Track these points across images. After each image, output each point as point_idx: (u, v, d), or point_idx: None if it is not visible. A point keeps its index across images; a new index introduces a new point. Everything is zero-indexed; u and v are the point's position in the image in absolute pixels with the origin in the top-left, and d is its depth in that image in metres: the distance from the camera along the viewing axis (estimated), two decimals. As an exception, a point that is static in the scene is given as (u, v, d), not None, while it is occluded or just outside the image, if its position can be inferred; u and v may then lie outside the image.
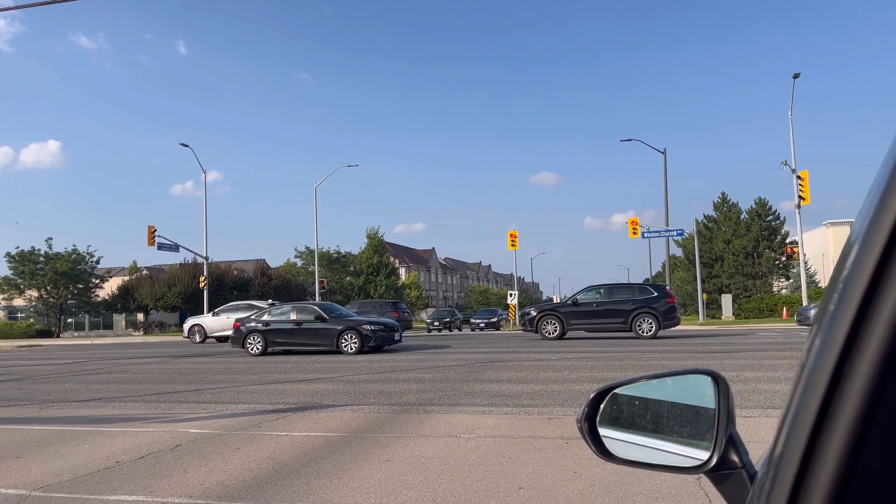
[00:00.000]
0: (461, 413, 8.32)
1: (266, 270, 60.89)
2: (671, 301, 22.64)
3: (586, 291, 23.51)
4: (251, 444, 6.75)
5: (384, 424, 7.71)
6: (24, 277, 54.52)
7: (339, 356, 18.34)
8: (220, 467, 5.82)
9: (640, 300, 22.26)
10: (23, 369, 17.96)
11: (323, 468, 5.67)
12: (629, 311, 22.06)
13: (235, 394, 11.02)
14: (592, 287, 23.63)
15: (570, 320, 22.76)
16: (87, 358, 21.95)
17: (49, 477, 5.66)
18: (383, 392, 10.55)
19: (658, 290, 22.98)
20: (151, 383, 13.10)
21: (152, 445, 6.85)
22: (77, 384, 13.36)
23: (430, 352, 19.40)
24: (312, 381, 12.44)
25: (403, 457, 6.00)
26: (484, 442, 6.55)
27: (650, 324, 21.89)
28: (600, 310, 22.54)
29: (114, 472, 5.75)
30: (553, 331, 22.78)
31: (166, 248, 42.31)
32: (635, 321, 21.98)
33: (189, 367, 16.86)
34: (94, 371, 16.46)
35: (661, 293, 22.76)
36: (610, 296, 22.78)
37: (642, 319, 21.96)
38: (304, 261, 66.23)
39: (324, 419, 8.18)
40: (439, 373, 13.27)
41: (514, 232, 42.40)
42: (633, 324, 22.00)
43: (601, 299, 22.75)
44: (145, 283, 56.30)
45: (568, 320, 22.75)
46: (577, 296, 23.43)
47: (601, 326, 22.61)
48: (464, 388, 10.78)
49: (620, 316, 22.14)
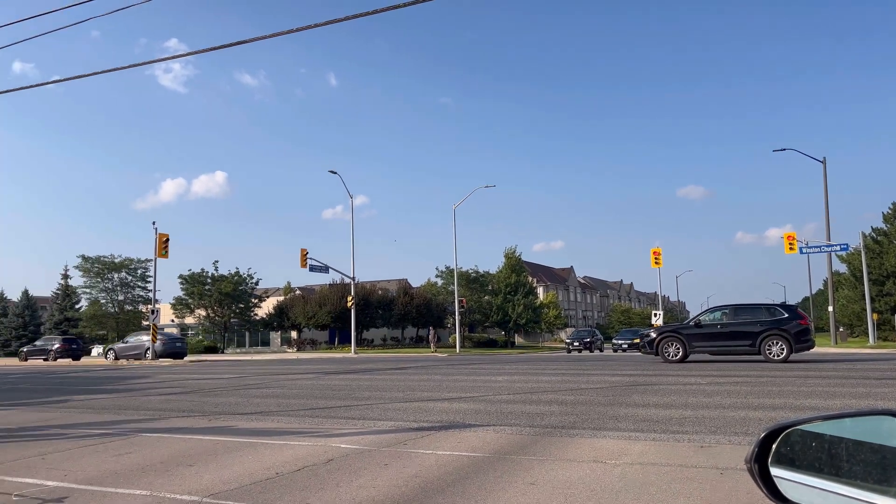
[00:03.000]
0: (606, 438, 8.10)
1: (408, 290, 62.71)
2: (804, 323, 21.39)
3: (710, 312, 23.01)
4: (398, 461, 6.94)
5: (527, 446, 7.66)
6: (194, 298, 59.79)
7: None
8: (369, 483, 6.03)
9: (769, 322, 21.22)
10: (193, 383, 19.62)
11: (468, 489, 5.71)
12: (757, 334, 21.04)
13: (382, 411, 11.39)
14: (716, 308, 23.13)
15: (693, 342, 22.05)
16: (247, 373, 23.59)
17: (218, 485, 6.13)
18: (525, 413, 10.49)
19: (789, 311, 21.86)
20: (305, 398, 13.84)
21: (307, 459, 7.23)
22: (240, 398, 14.39)
23: (570, 374, 19.07)
24: (455, 400, 12.61)
25: (547, 481, 5.93)
26: (631, 469, 6.33)
27: (781, 347, 20.77)
28: (725, 332, 21.72)
29: (274, 483, 6.12)
30: (675, 353, 22.12)
31: (317, 269, 44.78)
32: (764, 344, 20.93)
33: (339, 383, 17.65)
34: (254, 386, 17.65)
35: (793, 314, 21.63)
36: (735, 317, 21.92)
37: (772, 342, 20.88)
38: (444, 280, 67.58)
39: (467, 439, 8.26)
40: (581, 395, 13.01)
41: (658, 249, 40.92)
42: (762, 346, 20.97)
43: (726, 320, 21.98)
44: (298, 302, 59.83)
45: (690, 342, 22.05)
46: (700, 317, 22.91)
47: (726, 349, 21.82)
48: (608, 411, 10.49)
49: (748, 338, 21.16)
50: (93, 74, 12.58)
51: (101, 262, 65.02)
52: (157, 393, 16.42)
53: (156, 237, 41.25)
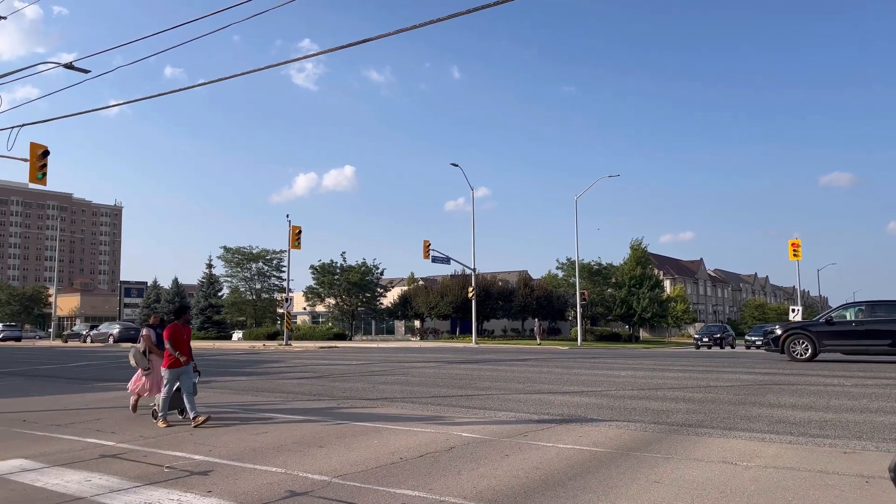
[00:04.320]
0: (737, 438, 7.73)
1: (528, 282, 62.37)
2: None
3: (843, 309, 21.41)
4: (519, 453, 6.97)
5: (651, 444, 7.46)
6: (324, 287, 62.63)
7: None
8: (490, 472, 6.11)
9: None
10: (323, 368, 20.59)
11: (589, 483, 5.66)
12: None
13: (502, 401, 11.46)
14: (851, 304, 21.59)
15: (824, 340, 20.49)
16: (373, 360, 24.44)
17: (346, 466, 6.43)
18: (649, 409, 10.20)
19: None
20: (427, 386, 14.17)
21: (429, 446, 7.42)
22: (366, 384, 14.95)
23: (698, 371, 18.31)
24: (576, 394, 12.47)
25: (673, 480, 5.75)
26: (764, 472, 6.02)
27: None
28: (861, 330, 20.00)
29: (398, 468, 6.34)
30: (804, 351, 20.66)
31: (439, 260, 45.55)
32: None
33: (460, 373, 17.92)
34: (379, 373, 18.27)
35: None
36: (873, 314, 20.13)
37: None
38: (565, 272, 66.68)
39: (589, 433, 8.16)
40: (710, 392, 12.46)
41: (797, 240, 38.29)
42: None
43: (862, 318, 20.23)
44: (421, 292, 61.12)
45: (820, 340, 20.50)
46: (832, 313, 21.35)
47: (862, 348, 20.12)
48: (739, 410, 10.00)
49: (888, 337, 19.47)
50: (233, 77, 13.43)
51: (241, 253, 69.53)
52: (290, 377, 17.38)
53: (289, 229, 43.53)
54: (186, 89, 14.91)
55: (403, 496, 5.31)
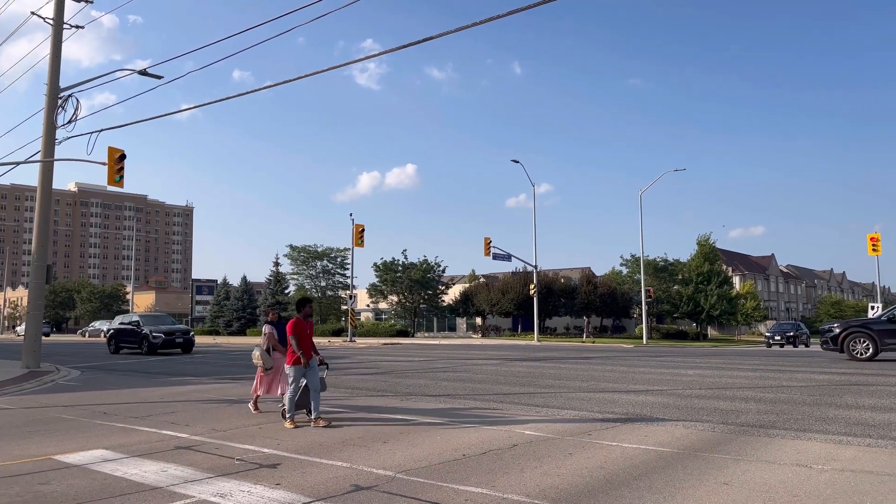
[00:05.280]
0: (811, 440, 7.45)
1: (591, 278, 61.58)
2: None
3: None
4: (582, 451, 6.90)
5: (720, 444, 7.27)
6: (386, 284, 63.38)
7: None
8: (553, 470, 6.07)
9: None
10: (386, 364, 20.85)
11: (655, 483, 5.56)
12: None
13: (565, 399, 11.36)
14: None
15: (886, 339, 19.82)
16: (435, 357, 24.60)
17: (409, 462, 6.50)
18: (717, 409, 9.94)
19: None
20: (489, 384, 14.17)
21: (492, 443, 7.42)
22: (429, 380, 15.06)
23: (769, 370, 17.71)
24: (641, 393, 12.25)
25: (744, 482, 5.59)
26: (841, 476, 5.78)
27: None
28: None
29: (461, 464, 6.37)
30: (864, 350, 20.01)
31: (500, 257, 45.42)
32: None
33: (522, 370, 17.85)
34: (442, 369, 18.37)
35: None
36: None
37: None
38: (629, 269, 65.49)
39: (654, 433, 8.01)
40: (782, 392, 12.04)
41: (876, 235, 36.51)
42: None
43: None
44: (482, 290, 61.09)
45: (882, 339, 19.83)
46: (895, 311, 20.56)
47: None
48: (814, 411, 9.63)
49: None
50: (298, 78, 13.74)
51: (306, 251, 71.18)
52: (355, 373, 17.66)
53: (353, 228, 44.25)
54: (253, 92, 15.37)
55: (467, 493, 5.34)
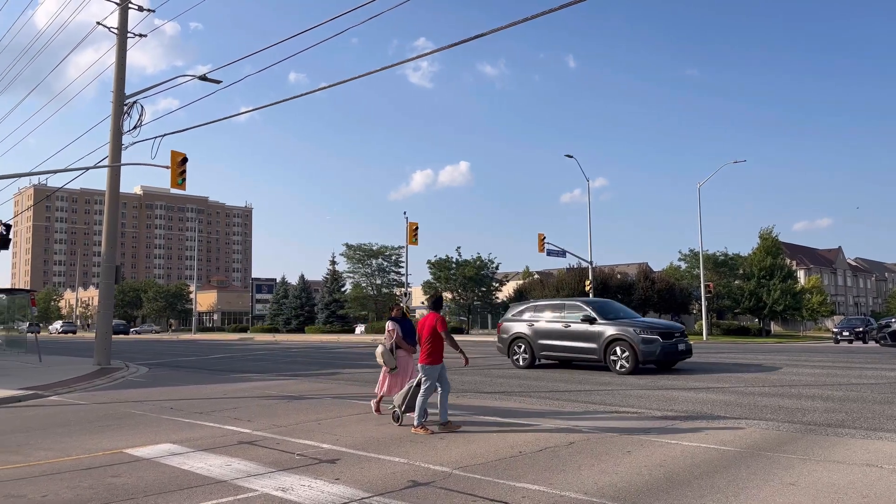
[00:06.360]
0: (883, 440, 7.16)
1: (649, 274, 60.44)
2: None
3: None
4: (641, 449, 6.80)
5: (785, 444, 7.05)
6: (441, 281, 63.65)
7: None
8: (611, 468, 6.00)
9: None
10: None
11: (717, 483, 5.44)
12: None
13: (623, 397, 11.21)
14: None
15: None
16: (489, 353, 24.56)
17: (466, 458, 6.53)
18: (782, 407, 9.65)
19: None
20: (545, 381, 14.08)
21: (549, 440, 7.38)
22: (483, 377, 15.06)
23: (837, 367, 17.08)
24: (701, 390, 11.99)
25: (810, 483, 5.42)
26: (916, 478, 5.54)
27: None
28: None
29: (518, 461, 6.36)
30: None
31: (554, 253, 45.06)
32: None
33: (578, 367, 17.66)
34: (497, 366, 18.34)
35: None
36: None
37: None
38: (688, 264, 63.98)
39: (715, 431, 7.83)
40: (851, 391, 11.61)
41: (953, 225, 34.78)
42: None
43: None
44: (536, 286, 60.69)
45: None
46: None
47: None
48: (886, 410, 9.25)
49: None
50: (353, 79, 13.91)
51: (362, 250, 72.09)
52: (411, 370, 17.77)
53: (407, 226, 44.60)
54: (309, 93, 15.62)
55: (524, 490, 5.33)
